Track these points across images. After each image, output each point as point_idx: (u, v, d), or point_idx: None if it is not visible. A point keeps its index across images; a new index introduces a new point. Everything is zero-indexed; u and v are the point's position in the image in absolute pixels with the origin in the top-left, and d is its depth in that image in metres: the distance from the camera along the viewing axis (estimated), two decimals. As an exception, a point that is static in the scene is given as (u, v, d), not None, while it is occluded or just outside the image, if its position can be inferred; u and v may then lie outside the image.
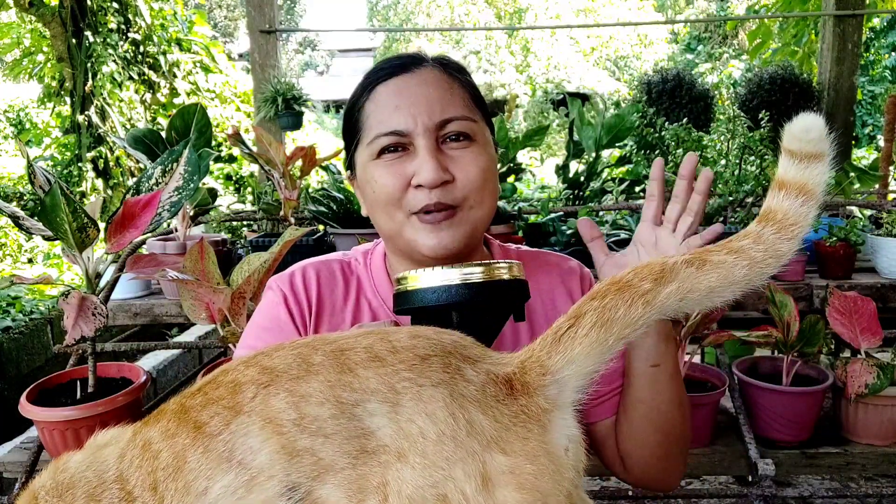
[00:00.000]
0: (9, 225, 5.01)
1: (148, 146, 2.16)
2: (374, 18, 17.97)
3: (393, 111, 0.85)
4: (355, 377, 0.53)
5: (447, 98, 0.86)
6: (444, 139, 0.86)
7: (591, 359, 0.56)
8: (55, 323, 3.42)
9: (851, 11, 4.22)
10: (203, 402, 0.54)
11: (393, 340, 0.56)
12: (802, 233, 0.61)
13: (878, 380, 1.51)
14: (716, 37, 15.10)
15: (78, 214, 1.34)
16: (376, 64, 0.92)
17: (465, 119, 0.87)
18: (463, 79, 0.91)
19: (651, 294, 0.57)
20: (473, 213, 0.88)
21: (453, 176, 0.85)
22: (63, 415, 1.46)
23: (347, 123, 0.92)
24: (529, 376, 0.56)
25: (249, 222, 2.76)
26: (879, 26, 10.52)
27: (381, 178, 0.86)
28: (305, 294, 0.96)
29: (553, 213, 2.36)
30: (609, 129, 3.03)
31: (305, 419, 0.51)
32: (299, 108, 3.73)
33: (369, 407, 0.52)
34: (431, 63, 0.89)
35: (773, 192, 0.63)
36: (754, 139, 2.06)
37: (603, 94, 13.72)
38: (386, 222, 0.89)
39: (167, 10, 6.56)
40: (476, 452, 0.51)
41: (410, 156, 0.86)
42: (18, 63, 6.72)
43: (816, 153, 0.61)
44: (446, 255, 0.88)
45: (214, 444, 0.52)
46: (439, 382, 0.53)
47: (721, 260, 0.59)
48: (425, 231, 0.86)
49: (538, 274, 1.02)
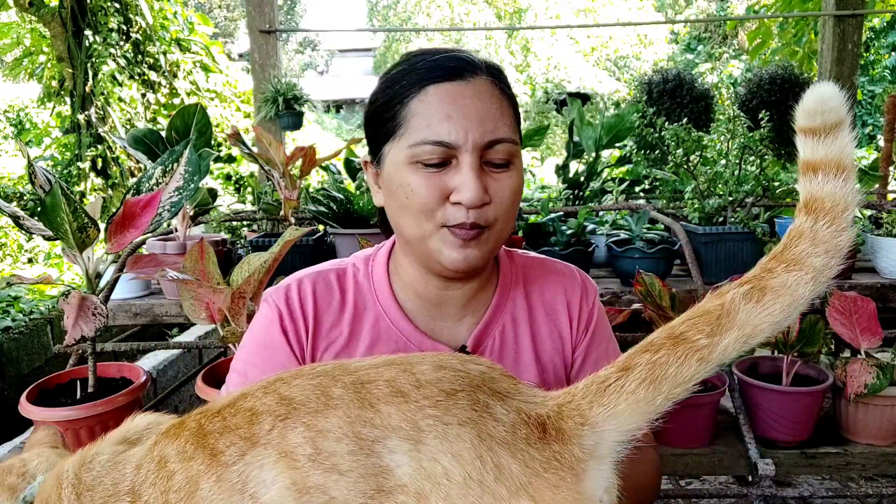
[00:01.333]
0: (9, 225, 5.01)
1: (148, 146, 2.16)
2: (374, 18, 17.97)
3: (443, 119, 0.82)
4: (376, 413, 0.50)
5: (497, 116, 0.85)
6: (486, 161, 0.85)
7: (635, 416, 0.52)
8: (55, 323, 3.42)
9: (851, 11, 4.22)
10: (221, 428, 0.53)
11: (417, 373, 0.54)
12: (853, 217, 0.55)
13: (877, 380, 1.51)
14: (716, 37, 15.09)
15: (78, 214, 1.34)
16: (428, 58, 0.88)
17: (511, 142, 0.86)
18: (510, 95, 0.90)
19: (707, 350, 0.52)
20: (499, 233, 0.88)
21: (490, 198, 0.85)
22: (63, 415, 1.46)
23: (384, 112, 0.88)
24: (566, 423, 0.53)
25: (249, 222, 2.76)
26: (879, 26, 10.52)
27: (417, 186, 0.84)
28: (301, 311, 0.94)
29: (553, 213, 2.36)
30: (609, 129, 3.04)
31: (321, 455, 0.49)
32: (300, 108, 3.73)
33: (389, 444, 0.49)
34: (485, 72, 0.87)
35: (809, 178, 0.56)
36: (754, 139, 2.06)
37: (603, 94, 13.73)
38: (411, 228, 0.87)
39: (168, 10, 6.55)
40: (503, 499, 0.48)
41: (451, 169, 0.84)
42: (18, 63, 6.72)
43: (839, 121, 0.56)
44: (467, 270, 0.88)
45: (228, 474, 0.51)
46: (466, 421, 0.50)
47: (782, 283, 0.53)
48: (453, 245, 0.85)
49: (542, 282, 1.02)
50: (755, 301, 0.53)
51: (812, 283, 0.53)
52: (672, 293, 1.61)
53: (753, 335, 0.53)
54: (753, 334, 0.53)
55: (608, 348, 1.03)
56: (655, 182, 3.13)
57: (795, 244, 0.54)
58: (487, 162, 0.85)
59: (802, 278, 0.53)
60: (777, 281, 0.53)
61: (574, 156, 3.24)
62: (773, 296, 0.53)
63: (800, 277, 0.53)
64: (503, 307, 0.99)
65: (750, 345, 0.54)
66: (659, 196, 2.86)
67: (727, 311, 0.53)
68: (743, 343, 0.53)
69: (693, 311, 0.55)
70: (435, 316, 0.97)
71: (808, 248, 0.54)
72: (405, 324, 0.95)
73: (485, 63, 0.89)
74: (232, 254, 2.37)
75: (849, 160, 0.55)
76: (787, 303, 0.53)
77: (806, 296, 0.53)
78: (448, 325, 0.97)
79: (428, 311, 0.97)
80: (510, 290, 1.00)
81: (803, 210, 0.56)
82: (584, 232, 2.23)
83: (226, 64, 7.43)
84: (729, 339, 0.52)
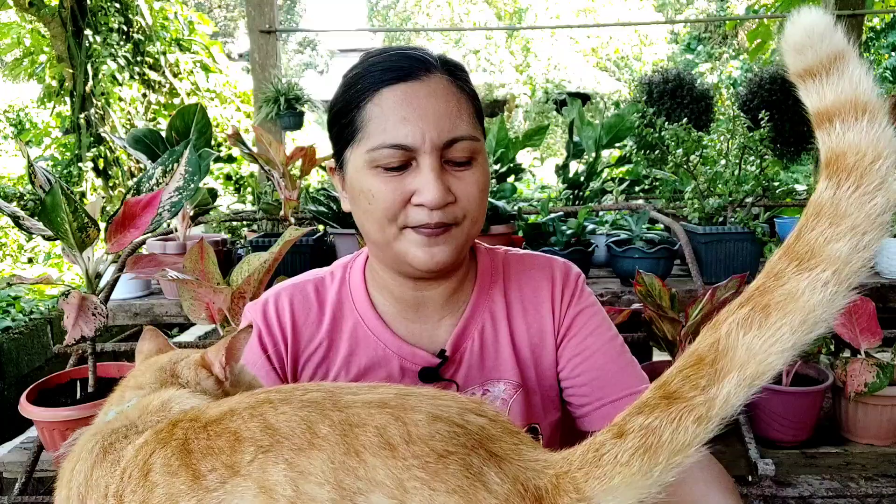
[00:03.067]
0: (9, 225, 5.01)
1: (148, 146, 2.16)
2: (374, 18, 17.96)
3: (399, 122, 0.81)
4: (361, 463, 0.47)
5: (455, 113, 0.83)
6: (447, 160, 0.84)
7: (633, 491, 0.46)
8: (55, 323, 3.42)
9: (851, 11, 4.22)
10: (205, 448, 0.52)
11: (409, 423, 0.49)
12: (892, 169, 0.42)
13: (877, 379, 1.51)
14: (716, 37, 15.09)
15: (78, 214, 1.34)
16: (379, 58, 0.86)
17: (471, 139, 0.85)
18: (468, 90, 0.88)
19: (704, 407, 0.44)
20: (468, 228, 0.87)
21: (455, 196, 0.84)
22: (63, 415, 1.46)
23: (342, 117, 0.87)
24: (563, 500, 0.48)
25: (249, 222, 2.76)
26: (880, 26, 10.52)
27: (379, 192, 0.83)
28: (279, 325, 0.95)
29: (553, 213, 2.36)
30: (609, 129, 3.04)
31: (301, 498, 0.47)
32: (301, 108, 3.73)
33: (373, 499, 0.46)
34: (440, 69, 0.86)
35: (825, 129, 0.45)
36: (754, 139, 2.06)
37: (603, 94, 13.73)
38: (376, 233, 0.87)
39: (168, 10, 6.55)
40: None
41: (412, 171, 0.83)
42: (18, 63, 6.72)
43: (837, 51, 0.45)
44: (437, 269, 0.87)
45: (208, 499, 0.50)
46: (455, 489, 0.46)
47: (789, 293, 0.42)
48: (418, 245, 0.85)
49: (520, 277, 1.00)
50: (757, 328, 0.43)
51: (834, 282, 0.41)
52: (672, 293, 1.61)
53: (761, 374, 0.43)
54: (761, 372, 0.43)
55: (599, 330, 0.99)
56: (655, 182, 3.13)
57: (812, 226, 0.42)
58: (449, 161, 0.84)
59: (818, 279, 0.41)
60: (784, 290, 0.42)
61: (574, 156, 3.25)
62: (779, 314, 0.42)
63: (814, 279, 0.41)
64: (481, 305, 0.97)
65: (759, 384, 0.44)
66: (659, 196, 2.86)
67: (723, 350, 0.44)
68: (748, 386, 0.44)
69: (686, 359, 0.47)
70: (413, 319, 0.96)
71: (828, 229, 0.41)
72: (382, 330, 0.95)
73: (440, 60, 0.87)
74: (232, 254, 2.37)
75: (868, 96, 0.44)
76: (800, 320, 0.42)
77: (826, 303, 0.41)
78: (427, 328, 0.96)
79: (405, 314, 0.96)
80: (488, 288, 0.99)
81: (823, 174, 0.44)
82: (584, 232, 2.24)
83: (226, 64, 7.43)
84: (730, 388, 0.44)
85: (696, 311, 1.52)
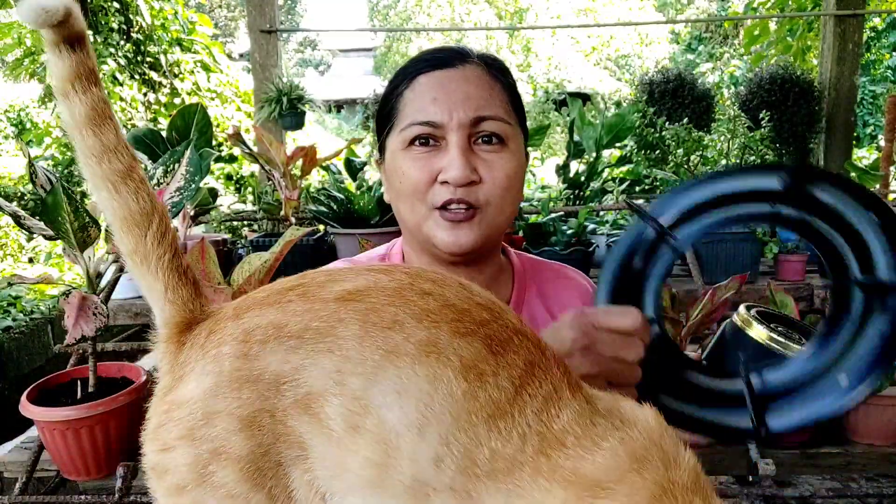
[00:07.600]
0: (10, 224, 5.02)
1: (148, 146, 2.16)
2: (375, 18, 17.97)
3: (430, 102, 0.84)
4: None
5: (486, 97, 0.85)
6: (476, 138, 0.85)
7: None
8: (56, 323, 3.42)
9: (852, 11, 4.22)
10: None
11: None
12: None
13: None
14: (716, 37, 15.09)
15: (79, 214, 1.34)
16: (421, 53, 0.92)
17: (501, 120, 0.86)
18: (505, 81, 0.90)
19: None
20: (494, 217, 0.87)
21: (481, 177, 0.85)
22: (63, 415, 1.46)
23: (383, 108, 0.92)
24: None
25: (250, 222, 2.76)
26: (881, 26, 10.52)
27: (408, 169, 0.86)
28: None
29: (553, 213, 2.36)
30: (609, 129, 3.04)
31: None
32: (302, 107, 3.73)
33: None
34: (476, 60, 0.88)
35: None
36: (755, 139, 2.06)
37: (604, 93, 13.73)
38: (408, 213, 0.89)
39: (168, 10, 6.56)
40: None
41: (441, 150, 0.85)
42: (19, 63, 6.72)
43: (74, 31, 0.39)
44: (461, 253, 0.87)
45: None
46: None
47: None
48: (444, 227, 0.86)
49: (556, 286, 1.01)
50: None
51: None
52: (672, 293, 1.61)
53: None
54: None
55: None
56: (656, 182, 3.13)
57: None
58: (478, 140, 0.85)
59: None
60: None
61: (575, 156, 3.24)
62: None
63: None
64: (521, 306, 0.98)
65: None
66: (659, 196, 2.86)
67: None
68: None
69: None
70: None
71: None
72: None
73: (480, 54, 0.90)
74: (232, 254, 2.37)
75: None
76: None
77: None
78: None
79: None
80: (526, 288, 0.99)
81: None
82: (584, 232, 2.23)
83: (226, 64, 7.43)
84: None
85: (696, 310, 1.52)
